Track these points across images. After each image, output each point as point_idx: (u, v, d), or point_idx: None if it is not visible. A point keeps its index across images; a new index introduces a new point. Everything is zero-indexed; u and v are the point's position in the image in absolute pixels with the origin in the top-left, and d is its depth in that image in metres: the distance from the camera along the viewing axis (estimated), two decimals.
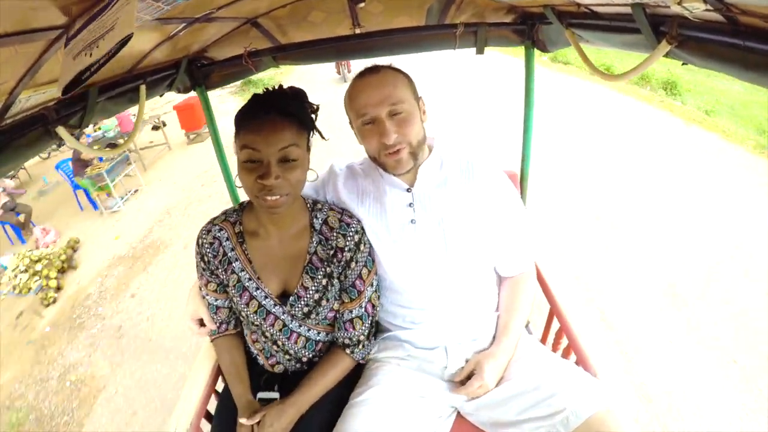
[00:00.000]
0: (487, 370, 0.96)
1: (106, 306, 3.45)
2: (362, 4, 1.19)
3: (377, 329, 1.11)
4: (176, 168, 6.09)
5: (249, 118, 0.87)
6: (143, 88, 1.02)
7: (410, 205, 1.03)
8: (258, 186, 0.85)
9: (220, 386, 1.13)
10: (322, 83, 8.18)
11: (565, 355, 1.12)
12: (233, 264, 0.99)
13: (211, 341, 1.10)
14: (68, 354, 3.01)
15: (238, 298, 0.99)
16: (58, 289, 3.78)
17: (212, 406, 1.10)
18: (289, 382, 1.01)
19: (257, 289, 0.98)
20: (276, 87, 0.92)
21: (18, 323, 3.51)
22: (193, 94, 1.38)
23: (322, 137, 0.99)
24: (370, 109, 0.96)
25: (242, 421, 0.93)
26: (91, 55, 0.43)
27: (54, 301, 3.65)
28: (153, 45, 0.88)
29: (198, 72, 1.31)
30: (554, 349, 1.18)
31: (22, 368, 2.99)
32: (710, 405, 1.89)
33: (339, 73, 8.11)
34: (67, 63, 0.46)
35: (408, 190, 1.04)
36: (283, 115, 0.87)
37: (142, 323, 3.15)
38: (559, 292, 1.19)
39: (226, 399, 1.05)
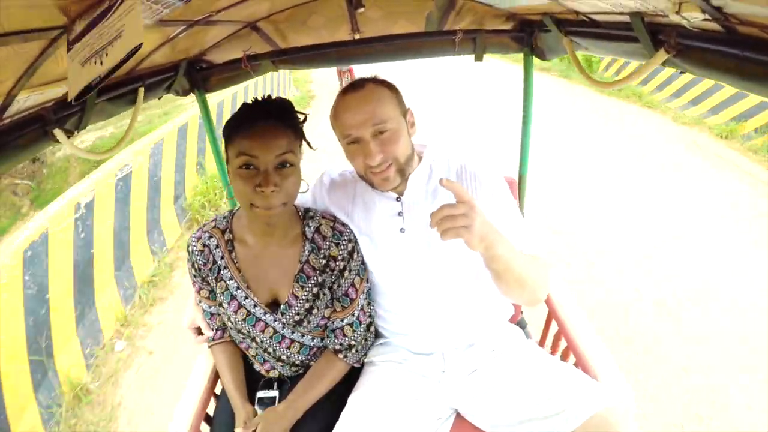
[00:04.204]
0: (478, 212, 0.77)
1: None
2: (361, 10, 1.19)
3: (375, 334, 1.09)
4: None
5: (243, 125, 0.85)
6: (141, 90, 1.01)
7: (400, 213, 1.02)
8: (257, 195, 0.83)
9: (218, 389, 1.12)
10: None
11: (564, 357, 1.12)
12: (222, 272, 0.97)
13: (209, 348, 1.09)
14: None
15: (227, 306, 0.98)
16: None
17: (211, 409, 1.09)
18: (288, 385, 1.01)
19: (246, 298, 0.97)
20: (265, 97, 0.91)
21: None
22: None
23: (310, 146, 0.97)
24: (354, 130, 0.93)
25: (238, 431, 0.92)
26: (101, 63, 0.42)
27: None
28: (152, 47, 0.88)
29: (197, 75, 1.30)
30: (553, 351, 1.18)
31: None
32: None
33: (342, 85, 8.11)
34: (75, 69, 0.45)
35: (398, 199, 1.03)
36: (277, 121, 0.85)
37: None
38: (558, 294, 1.19)
39: (224, 402, 1.04)
